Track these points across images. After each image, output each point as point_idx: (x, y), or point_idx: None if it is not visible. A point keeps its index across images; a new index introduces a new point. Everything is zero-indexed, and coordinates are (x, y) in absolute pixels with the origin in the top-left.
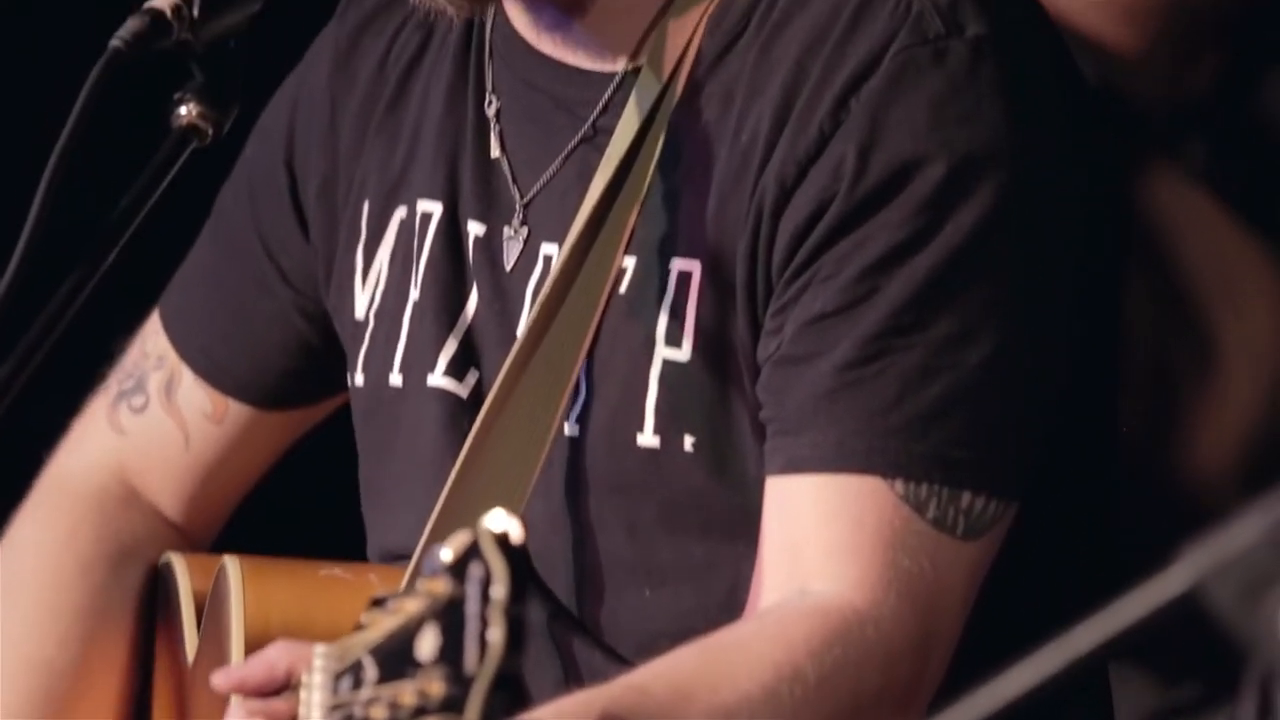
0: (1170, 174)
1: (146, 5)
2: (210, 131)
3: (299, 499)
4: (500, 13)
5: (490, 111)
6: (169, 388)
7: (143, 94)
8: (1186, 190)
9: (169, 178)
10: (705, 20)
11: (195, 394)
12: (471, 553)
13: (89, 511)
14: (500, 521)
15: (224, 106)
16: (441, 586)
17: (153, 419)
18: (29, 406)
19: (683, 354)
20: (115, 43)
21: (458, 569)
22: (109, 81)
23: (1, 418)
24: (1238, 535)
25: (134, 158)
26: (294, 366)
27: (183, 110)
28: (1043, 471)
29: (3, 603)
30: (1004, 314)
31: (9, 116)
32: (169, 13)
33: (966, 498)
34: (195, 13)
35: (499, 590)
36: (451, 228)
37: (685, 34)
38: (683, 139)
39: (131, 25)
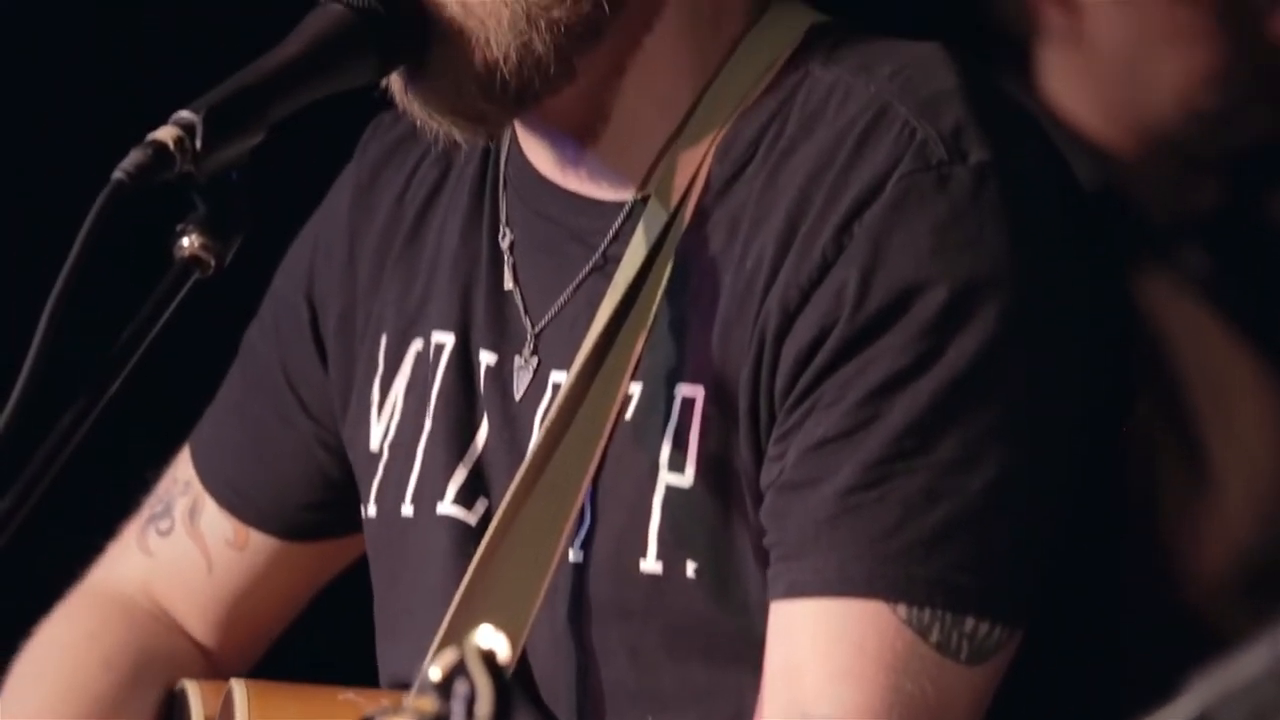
0: (1168, 284)
1: (149, 138)
2: (212, 263)
3: (324, 626)
4: (514, 144)
5: (504, 244)
6: (193, 513)
7: (145, 223)
8: (1184, 301)
9: (171, 309)
10: (714, 149)
11: (218, 521)
12: (458, 670)
13: (117, 615)
14: (488, 638)
15: (226, 238)
16: (428, 704)
17: (177, 542)
18: (37, 536)
19: (686, 480)
20: (118, 175)
21: (444, 687)
22: (112, 213)
23: (4, 550)
24: (1244, 666)
25: (135, 287)
26: (315, 499)
27: (185, 241)
28: (1047, 593)
29: (22, 688)
30: (1007, 439)
31: (11, 245)
32: (171, 145)
33: (970, 623)
34: (198, 145)
35: (483, 708)
36: (463, 358)
37: (694, 163)
38: (690, 266)
39: (134, 157)
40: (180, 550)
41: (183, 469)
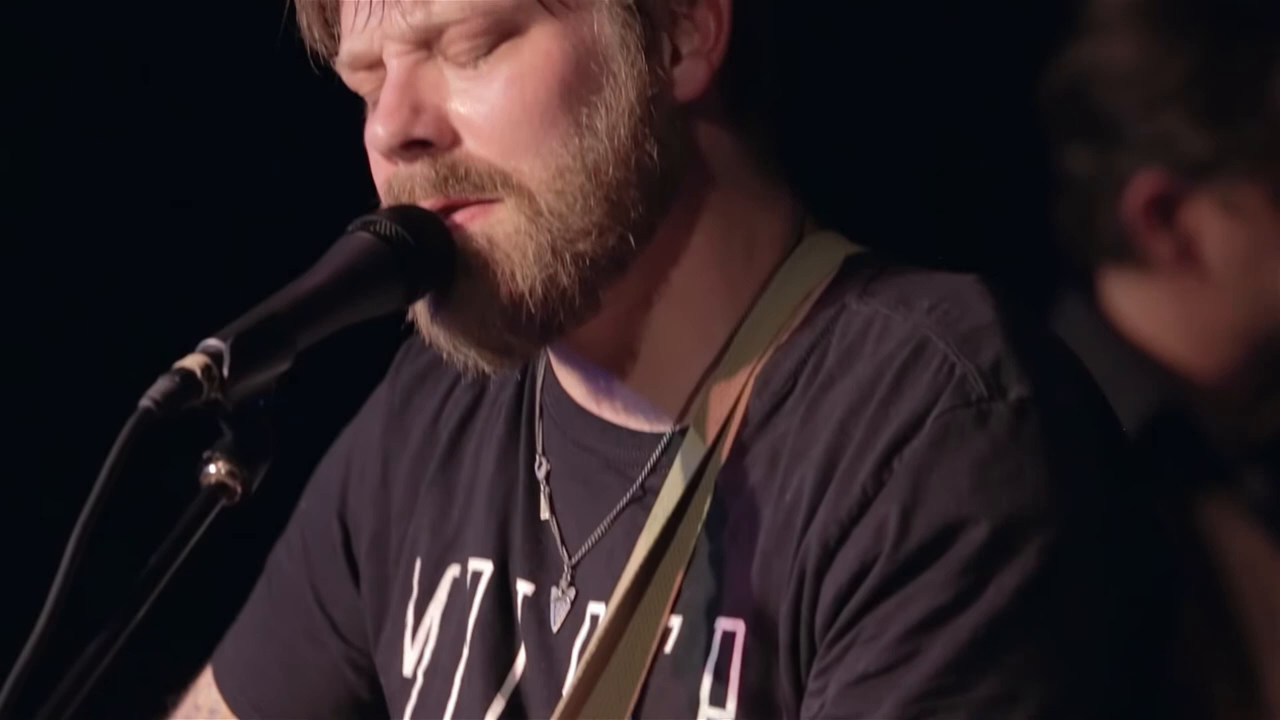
0: (1230, 507)
1: (176, 365)
2: (239, 490)
3: None
4: (550, 373)
5: (540, 473)
6: None
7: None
8: (1243, 525)
9: (197, 536)
10: (752, 382)
11: None
12: None
13: None
14: None
15: (253, 465)
16: None
17: None
18: None
19: (727, 714)
20: (145, 403)
21: None
22: (138, 440)
23: None
24: None
25: (160, 513)
26: None
27: (211, 468)
28: None
29: None
30: (1048, 674)
31: (38, 470)
32: (199, 372)
33: None
34: (225, 372)
35: None
36: (501, 587)
37: (732, 395)
38: (729, 499)
39: (161, 385)
40: None
41: (206, 694)
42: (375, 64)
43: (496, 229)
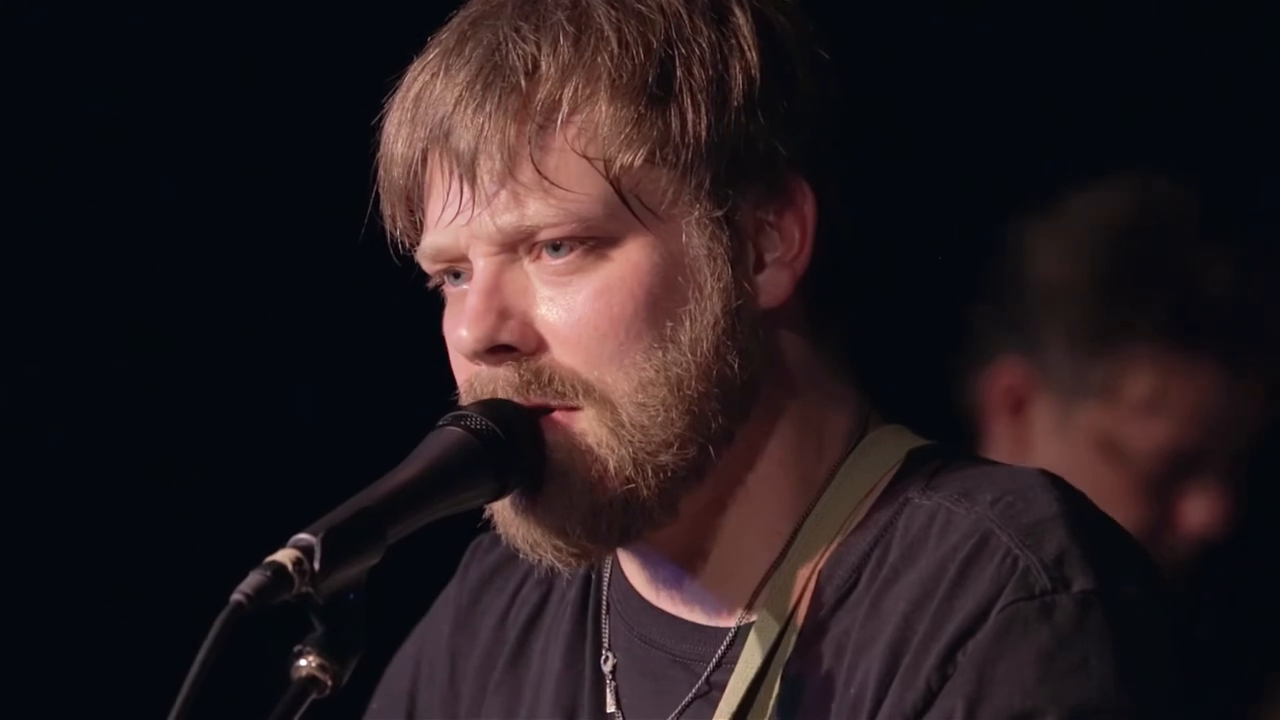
0: None
1: (267, 560)
2: (329, 683)
3: None
4: (617, 569)
5: (606, 668)
6: None
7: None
8: None
9: None
10: (816, 577)
11: None
12: None
13: None
14: None
15: (343, 658)
16: None
17: None
18: None
19: None
20: (237, 597)
21: None
22: (230, 635)
23: None
24: None
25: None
26: None
27: (303, 662)
28: None
29: None
30: None
31: (127, 661)
32: (290, 566)
33: None
34: (316, 566)
35: None
36: None
37: (797, 590)
38: (794, 693)
39: (253, 579)
40: None
41: None
42: (458, 259)
43: (580, 439)
